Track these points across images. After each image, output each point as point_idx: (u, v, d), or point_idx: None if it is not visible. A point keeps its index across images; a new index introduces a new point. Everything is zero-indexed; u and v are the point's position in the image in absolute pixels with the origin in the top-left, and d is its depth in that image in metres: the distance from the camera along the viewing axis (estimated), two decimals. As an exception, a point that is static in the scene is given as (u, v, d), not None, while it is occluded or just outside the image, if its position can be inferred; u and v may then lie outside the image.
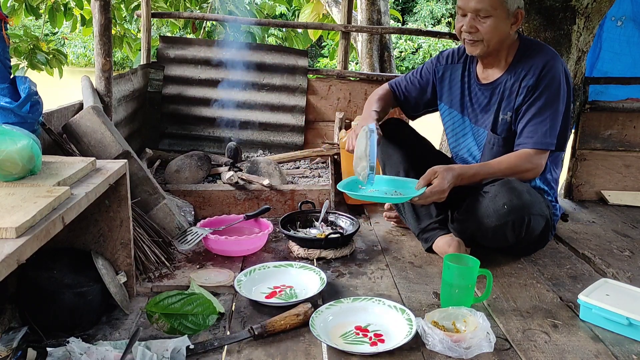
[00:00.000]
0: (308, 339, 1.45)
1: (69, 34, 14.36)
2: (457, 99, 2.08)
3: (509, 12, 1.82)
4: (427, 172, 1.80)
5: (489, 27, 1.83)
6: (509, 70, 1.93)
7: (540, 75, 1.85)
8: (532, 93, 1.86)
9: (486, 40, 1.85)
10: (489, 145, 2.00)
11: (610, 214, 2.69)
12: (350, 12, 3.59)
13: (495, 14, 1.81)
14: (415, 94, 2.19)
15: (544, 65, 1.85)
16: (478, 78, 2.02)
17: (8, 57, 1.64)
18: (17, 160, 1.24)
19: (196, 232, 1.97)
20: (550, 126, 1.85)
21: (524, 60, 1.90)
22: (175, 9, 5.44)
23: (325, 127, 3.50)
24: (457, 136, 2.13)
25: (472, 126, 2.06)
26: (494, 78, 1.97)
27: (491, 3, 1.80)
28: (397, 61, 14.21)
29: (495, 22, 1.82)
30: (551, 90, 1.85)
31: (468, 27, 1.85)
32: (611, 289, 1.64)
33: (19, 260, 0.96)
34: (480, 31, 1.84)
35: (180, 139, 3.42)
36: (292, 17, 11.36)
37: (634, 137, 2.93)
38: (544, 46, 1.94)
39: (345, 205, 2.67)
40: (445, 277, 1.62)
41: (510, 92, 1.92)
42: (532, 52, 1.90)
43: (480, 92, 2.00)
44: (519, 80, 1.89)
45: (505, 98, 1.93)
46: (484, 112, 2.01)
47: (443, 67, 2.12)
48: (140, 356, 1.28)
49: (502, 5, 1.80)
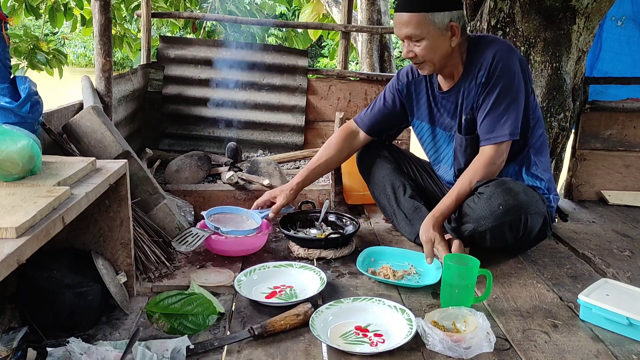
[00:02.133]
0: (308, 339, 1.45)
1: (69, 34, 14.36)
2: (425, 112, 2.08)
3: (441, 30, 1.80)
4: (425, 245, 1.83)
5: (426, 50, 1.82)
6: (465, 72, 1.92)
7: (491, 69, 1.83)
8: (485, 87, 1.86)
9: (428, 60, 1.85)
10: (460, 149, 2.00)
11: (610, 214, 2.68)
12: (350, 12, 3.59)
13: (427, 35, 1.80)
14: (382, 119, 2.17)
15: (492, 57, 1.83)
16: (440, 87, 2.01)
17: (8, 57, 1.64)
18: (17, 160, 1.24)
19: (196, 234, 1.97)
20: (509, 116, 1.83)
21: (475, 58, 1.89)
22: (175, 9, 5.45)
23: (325, 127, 3.51)
24: (436, 147, 2.13)
25: (447, 134, 2.06)
26: (454, 83, 1.96)
27: (418, 27, 1.79)
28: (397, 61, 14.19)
29: (429, 43, 1.81)
30: (505, 80, 1.83)
31: (406, 53, 1.85)
32: (611, 289, 1.64)
33: (19, 260, 0.96)
34: (418, 55, 1.84)
35: (180, 139, 3.43)
36: (292, 17, 11.36)
37: (634, 137, 2.93)
38: (492, 40, 1.92)
39: (345, 205, 2.67)
40: (445, 277, 1.62)
41: (468, 92, 1.91)
42: (480, 47, 1.89)
43: (445, 99, 2.00)
44: (475, 79, 1.88)
45: (465, 98, 1.93)
46: (452, 118, 2.01)
47: (405, 85, 2.10)
48: (140, 356, 1.28)
49: (431, 26, 1.79)
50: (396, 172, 2.16)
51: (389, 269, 1.83)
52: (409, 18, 1.80)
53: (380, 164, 2.19)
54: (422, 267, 1.91)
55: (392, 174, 2.14)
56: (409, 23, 1.80)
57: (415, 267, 1.91)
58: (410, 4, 1.80)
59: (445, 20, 1.80)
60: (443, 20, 1.80)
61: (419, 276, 1.86)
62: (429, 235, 1.81)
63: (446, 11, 1.79)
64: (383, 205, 2.20)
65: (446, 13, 1.79)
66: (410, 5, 1.80)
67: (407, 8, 1.80)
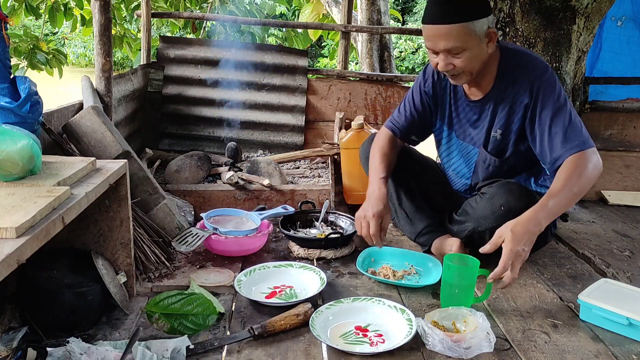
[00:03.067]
0: (308, 339, 1.45)
1: (69, 34, 14.36)
2: (446, 115, 2.01)
3: (481, 37, 1.68)
4: (494, 237, 1.59)
5: (466, 61, 1.70)
6: (495, 85, 1.82)
7: (533, 88, 1.74)
8: (533, 108, 1.75)
9: (467, 71, 1.74)
10: (482, 165, 1.95)
11: (610, 214, 2.69)
12: (350, 12, 3.59)
13: (468, 46, 1.67)
14: (419, 125, 2.06)
15: (532, 77, 1.74)
16: (466, 94, 1.91)
17: (8, 57, 1.64)
18: (17, 160, 1.24)
19: (196, 234, 1.97)
20: (574, 125, 1.70)
21: (509, 73, 1.79)
22: (175, 9, 5.44)
23: (325, 127, 3.51)
24: (449, 151, 2.09)
25: (460, 142, 2.01)
26: (482, 94, 1.86)
27: (460, 39, 1.66)
28: (397, 61, 14.22)
29: (470, 54, 1.69)
30: (552, 96, 1.73)
31: (444, 67, 1.72)
32: (611, 289, 1.64)
33: (19, 260, 0.96)
34: (458, 67, 1.72)
35: (180, 139, 3.42)
36: (292, 17, 11.36)
37: (634, 137, 2.93)
38: (526, 54, 1.83)
39: (345, 205, 2.67)
40: (445, 277, 1.62)
41: (503, 109, 1.82)
42: (516, 63, 1.79)
43: (469, 107, 1.92)
44: (512, 98, 1.79)
45: (497, 114, 1.84)
46: (473, 128, 1.93)
47: (431, 85, 1.99)
48: (140, 356, 1.28)
49: (472, 35, 1.66)
50: (399, 169, 2.14)
51: (389, 269, 1.83)
52: (448, 30, 1.65)
53: None
54: (422, 267, 1.91)
55: (396, 171, 2.12)
56: (449, 35, 1.65)
57: (415, 267, 1.91)
58: (448, 15, 1.65)
59: (484, 27, 1.68)
60: (482, 27, 1.67)
61: (419, 276, 1.86)
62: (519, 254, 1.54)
63: (484, 18, 1.67)
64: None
65: (484, 20, 1.67)
66: (448, 15, 1.65)
67: (445, 19, 1.65)
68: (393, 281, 1.77)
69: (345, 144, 2.68)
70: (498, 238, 1.57)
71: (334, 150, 2.91)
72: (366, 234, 1.81)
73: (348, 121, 3.06)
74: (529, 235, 1.55)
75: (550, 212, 1.60)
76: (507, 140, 1.87)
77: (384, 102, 3.51)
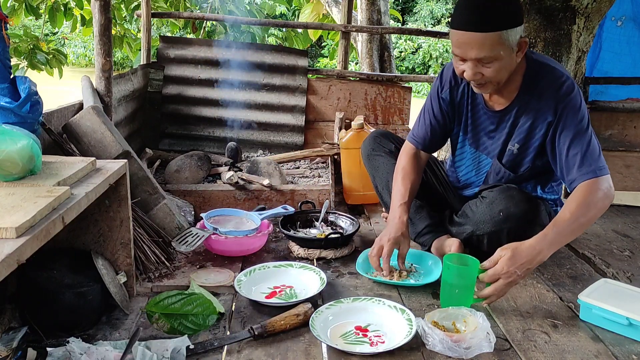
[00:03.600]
0: (308, 339, 1.45)
1: (69, 34, 14.36)
2: (462, 120, 1.96)
3: (513, 47, 1.59)
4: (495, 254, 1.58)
5: (495, 71, 1.61)
6: (519, 97, 1.76)
7: (558, 107, 1.68)
8: (555, 128, 1.70)
9: (495, 81, 1.66)
10: (495, 177, 1.91)
11: (610, 214, 2.68)
12: (350, 12, 3.59)
13: (500, 56, 1.58)
14: (440, 133, 1.99)
15: (559, 95, 1.68)
16: (486, 103, 1.85)
17: (8, 57, 1.64)
18: (17, 160, 1.24)
19: (196, 234, 1.97)
20: (592, 151, 1.66)
21: (534, 86, 1.72)
22: (175, 9, 5.44)
23: (325, 127, 3.51)
24: (462, 156, 2.05)
25: (473, 151, 1.97)
26: (503, 105, 1.80)
27: (492, 49, 1.56)
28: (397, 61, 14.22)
29: (500, 64, 1.60)
30: (576, 119, 1.68)
31: (472, 76, 1.63)
32: (611, 289, 1.64)
33: (19, 260, 0.96)
34: (485, 76, 1.63)
35: (180, 139, 3.43)
36: (292, 17, 11.36)
37: (634, 137, 2.93)
38: (552, 69, 1.73)
39: (345, 205, 2.67)
40: (445, 277, 1.62)
41: (525, 123, 1.76)
42: (543, 77, 1.72)
43: (486, 116, 1.86)
44: (535, 113, 1.73)
45: (517, 127, 1.79)
46: (488, 138, 1.89)
47: (448, 91, 1.91)
48: (140, 356, 1.28)
49: (505, 45, 1.57)
50: None
51: (393, 269, 1.82)
52: (482, 39, 1.55)
53: (385, 159, 2.12)
54: (423, 267, 1.91)
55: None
56: (483, 45, 1.55)
57: (415, 266, 1.91)
58: (484, 22, 1.54)
59: (517, 36, 1.59)
60: (515, 37, 1.58)
61: (420, 275, 1.86)
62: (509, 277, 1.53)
63: (518, 26, 1.58)
64: (385, 201, 2.17)
65: (518, 28, 1.58)
66: (484, 23, 1.54)
67: (479, 27, 1.54)
68: (393, 281, 1.77)
69: (345, 144, 2.68)
70: (498, 256, 1.56)
71: (334, 150, 2.91)
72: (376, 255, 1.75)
73: (348, 121, 3.06)
74: (529, 261, 1.53)
75: (553, 242, 1.56)
76: (524, 155, 1.82)
77: (384, 102, 3.52)
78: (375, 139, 2.18)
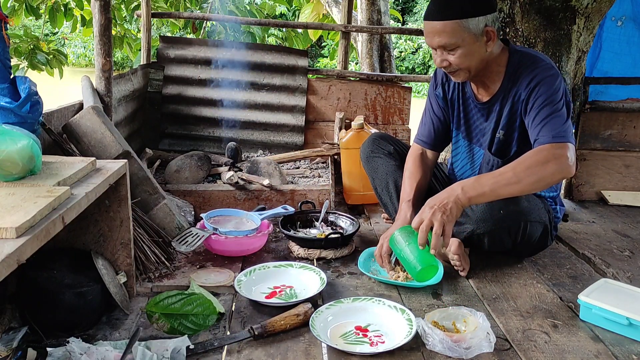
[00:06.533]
0: (308, 339, 1.45)
1: (69, 34, 14.37)
2: (454, 114, 2.03)
3: (477, 35, 1.70)
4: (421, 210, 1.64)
5: (461, 58, 1.72)
6: (502, 87, 1.84)
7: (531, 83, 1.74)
8: (527, 100, 1.76)
9: (464, 68, 1.75)
10: (487, 167, 1.95)
11: (610, 214, 2.69)
12: (350, 12, 3.59)
13: (462, 43, 1.70)
14: (443, 131, 2.07)
15: (534, 74, 1.75)
16: (475, 97, 1.93)
17: (8, 57, 1.64)
18: (17, 160, 1.24)
19: (196, 234, 1.97)
20: (559, 118, 1.69)
21: (516, 75, 1.80)
22: (175, 9, 5.44)
23: (325, 127, 3.51)
24: (457, 152, 2.09)
25: (467, 144, 2.02)
26: (489, 96, 1.88)
27: (453, 36, 1.68)
28: (397, 61, 14.22)
29: (465, 51, 1.71)
30: (549, 89, 1.72)
31: (440, 62, 1.76)
32: (611, 289, 1.64)
33: (19, 260, 0.96)
34: (453, 64, 1.74)
35: (180, 139, 3.42)
36: (292, 17, 11.36)
37: (634, 137, 2.93)
38: (533, 55, 1.82)
39: (345, 205, 2.67)
40: (397, 251, 1.68)
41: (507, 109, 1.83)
42: (523, 65, 1.79)
43: (477, 109, 1.93)
44: (513, 96, 1.80)
45: (503, 116, 1.85)
46: (480, 130, 1.95)
47: (440, 87, 2.01)
48: (140, 356, 1.28)
49: (465, 33, 1.68)
50: (400, 169, 2.10)
51: (400, 271, 1.81)
52: (442, 27, 1.69)
53: (384, 160, 2.14)
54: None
55: (396, 171, 2.11)
56: (442, 32, 1.69)
57: None
58: (442, 12, 1.69)
59: (480, 25, 1.69)
60: (478, 25, 1.69)
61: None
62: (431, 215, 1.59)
63: (480, 16, 1.69)
64: (385, 202, 2.18)
65: (481, 18, 1.69)
66: (442, 12, 1.69)
67: (439, 16, 1.69)
68: (393, 281, 1.77)
69: (345, 144, 2.68)
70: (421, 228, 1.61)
71: (334, 150, 2.91)
72: (378, 253, 1.82)
73: (348, 121, 3.06)
74: (447, 197, 1.61)
75: (481, 184, 1.63)
76: (510, 139, 1.87)
77: (384, 102, 3.51)
78: (374, 141, 2.20)
